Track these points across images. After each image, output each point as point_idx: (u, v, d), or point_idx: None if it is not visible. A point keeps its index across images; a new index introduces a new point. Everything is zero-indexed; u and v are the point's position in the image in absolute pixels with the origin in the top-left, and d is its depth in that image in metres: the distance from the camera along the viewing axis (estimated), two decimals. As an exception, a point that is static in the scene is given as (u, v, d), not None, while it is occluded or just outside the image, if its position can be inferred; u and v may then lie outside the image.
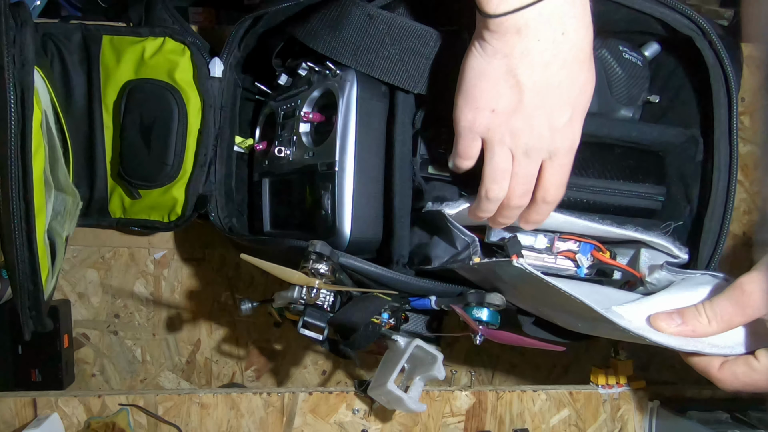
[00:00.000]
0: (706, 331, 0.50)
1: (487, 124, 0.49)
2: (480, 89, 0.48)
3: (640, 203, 0.62)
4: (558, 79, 0.47)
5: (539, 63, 0.46)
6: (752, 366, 0.49)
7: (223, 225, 0.75)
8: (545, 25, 0.45)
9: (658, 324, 0.51)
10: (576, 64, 0.47)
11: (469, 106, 0.50)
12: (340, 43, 0.59)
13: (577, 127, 0.49)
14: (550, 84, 0.47)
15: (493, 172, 0.51)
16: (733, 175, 0.60)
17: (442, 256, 0.59)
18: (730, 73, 0.58)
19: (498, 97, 0.48)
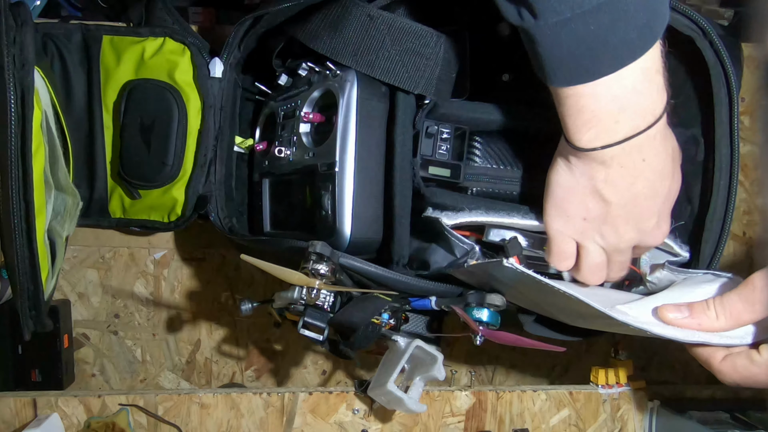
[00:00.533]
0: (712, 326, 0.51)
1: (579, 229, 0.53)
2: (569, 201, 0.52)
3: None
4: (643, 193, 0.51)
5: (622, 185, 0.50)
6: (753, 359, 0.49)
7: (223, 225, 0.75)
8: (628, 156, 0.49)
9: (666, 315, 0.52)
10: (658, 180, 0.51)
11: (561, 215, 0.54)
12: (340, 43, 0.59)
13: (664, 227, 0.54)
14: (636, 198, 0.51)
15: (590, 267, 0.55)
16: (734, 175, 0.60)
17: (440, 262, 0.59)
18: (731, 73, 0.58)
19: (587, 209, 0.52)
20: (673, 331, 0.51)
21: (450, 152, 0.62)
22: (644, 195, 0.51)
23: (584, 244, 0.54)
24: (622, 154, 0.49)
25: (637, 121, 0.48)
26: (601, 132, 0.48)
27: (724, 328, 0.50)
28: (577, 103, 0.47)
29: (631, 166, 0.49)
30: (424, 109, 0.60)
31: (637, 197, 0.51)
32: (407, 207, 0.60)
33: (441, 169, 0.61)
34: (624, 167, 0.49)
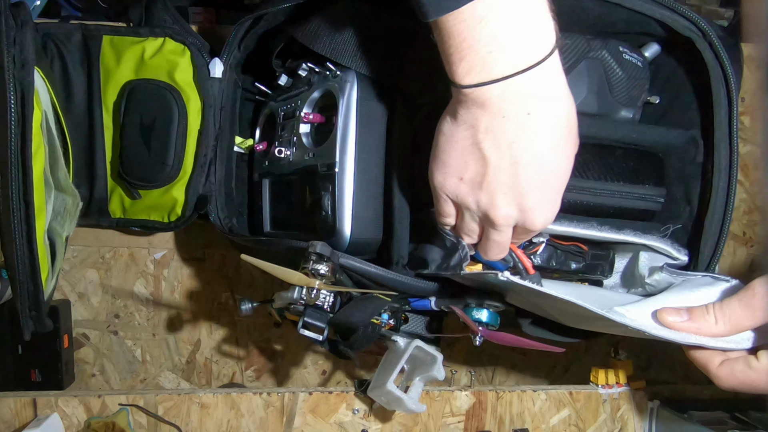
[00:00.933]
0: (711, 331, 0.50)
1: (454, 190, 0.49)
2: (448, 155, 0.48)
3: (640, 205, 0.62)
4: (526, 159, 0.45)
5: (504, 141, 0.45)
6: (751, 365, 0.49)
7: (223, 225, 0.75)
8: (509, 103, 0.44)
9: (665, 318, 0.51)
10: (546, 147, 0.45)
11: (439, 170, 0.49)
12: (339, 44, 0.59)
13: (548, 207, 0.48)
14: (516, 163, 0.45)
15: (464, 230, 0.52)
16: (733, 176, 0.60)
17: (438, 260, 0.59)
18: (731, 74, 0.58)
19: (465, 167, 0.47)
20: (671, 333, 0.51)
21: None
22: (527, 161, 0.45)
23: (460, 207, 0.50)
24: (502, 99, 0.43)
25: (515, 57, 0.42)
26: (474, 65, 0.43)
27: (722, 334, 0.50)
28: (448, 31, 0.42)
29: (514, 119, 0.44)
30: (424, 110, 0.60)
31: (518, 162, 0.45)
32: (407, 207, 0.60)
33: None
34: (506, 117, 0.44)
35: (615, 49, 0.60)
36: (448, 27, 0.42)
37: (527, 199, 0.47)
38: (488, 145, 0.45)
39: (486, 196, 0.47)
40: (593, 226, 0.59)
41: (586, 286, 0.62)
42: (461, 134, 0.47)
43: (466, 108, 0.45)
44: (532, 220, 0.48)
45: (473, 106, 0.45)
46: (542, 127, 0.44)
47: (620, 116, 0.61)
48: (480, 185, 0.47)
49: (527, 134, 0.44)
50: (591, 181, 0.59)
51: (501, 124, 0.44)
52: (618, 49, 0.60)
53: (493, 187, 0.47)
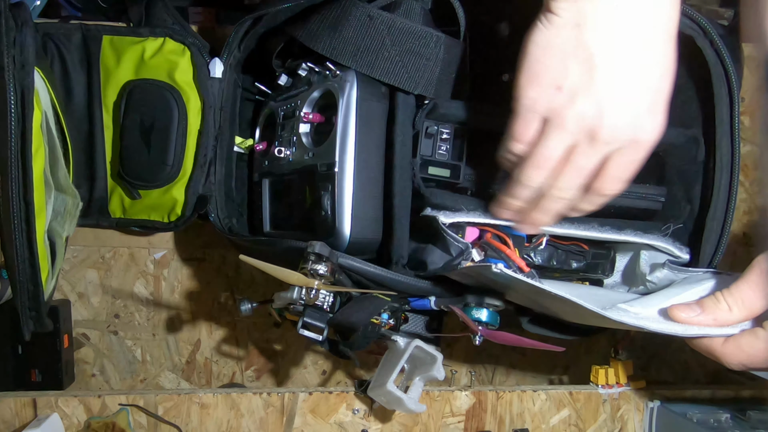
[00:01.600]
0: (728, 319, 0.48)
1: (550, 103, 0.42)
2: (544, 65, 0.42)
3: (641, 204, 0.62)
4: (640, 57, 0.40)
5: (619, 35, 0.40)
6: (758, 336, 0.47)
7: (222, 225, 0.75)
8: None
9: (678, 315, 0.49)
10: (661, 43, 0.40)
11: (531, 83, 0.43)
12: (340, 44, 0.59)
13: (659, 118, 0.43)
14: (629, 62, 0.40)
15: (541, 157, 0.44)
16: (735, 175, 0.60)
17: (437, 262, 0.59)
18: (732, 72, 0.58)
19: (565, 73, 0.41)
20: (672, 326, 0.50)
21: (449, 152, 0.62)
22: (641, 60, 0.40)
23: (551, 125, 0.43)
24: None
25: None
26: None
27: (739, 319, 0.48)
28: None
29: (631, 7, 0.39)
30: (424, 110, 0.60)
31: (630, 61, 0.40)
32: (407, 207, 0.60)
33: (440, 170, 0.61)
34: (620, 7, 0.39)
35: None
36: None
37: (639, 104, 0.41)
38: (598, 42, 0.40)
39: (590, 104, 0.41)
40: (594, 227, 0.59)
41: (586, 287, 0.62)
42: (562, 36, 0.41)
43: (571, 5, 0.40)
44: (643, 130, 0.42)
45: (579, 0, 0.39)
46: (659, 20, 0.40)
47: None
48: (584, 92, 0.41)
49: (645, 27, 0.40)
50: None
51: (614, 15, 0.39)
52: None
53: (600, 93, 0.41)
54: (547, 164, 0.44)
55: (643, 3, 0.40)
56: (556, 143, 0.43)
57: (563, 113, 0.42)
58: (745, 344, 0.48)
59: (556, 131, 0.43)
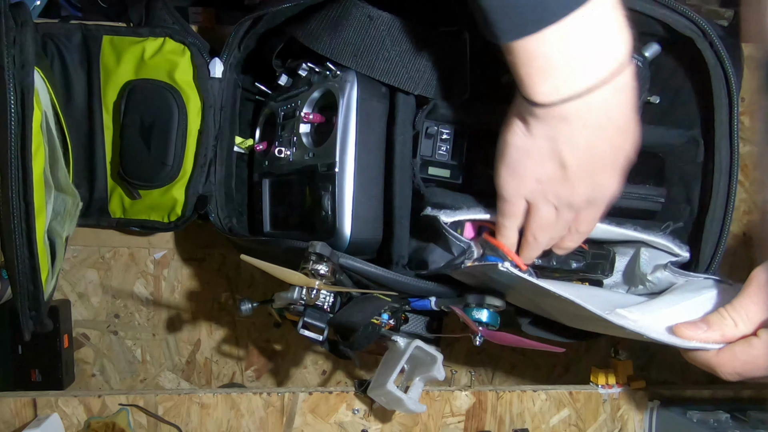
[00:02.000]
0: (735, 334, 0.49)
1: (532, 190, 0.51)
2: (524, 165, 0.50)
3: (641, 205, 0.62)
4: (602, 152, 0.48)
5: (584, 145, 0.47)
6: (752, 344, 0.48)
7: (223, 225, 0.75)
8: (592, 113, 0.45)
9: (684, 333, 0.50)
10: (619, 136, 0.48)
11: (514, 177, 0.51)
12: (340, 44, 0.59)
13: (616, 180, 0.51)
14: (594, 158, 0.48)
15: (541, 223, 0.53)
16: (733, 176, 0.60)
17: (438, 261, 0.59)
18: (731, 74, 0.58)
19: (542, 172, 0.49)
20: (671, 337, 0.50)
21: (450, 153, 0.62)
22: (605, 154, 0.48)
23: (537, 202, 0.52)
24: (586, 110, 0.45)
25: (600, 69, 0.43)
26: (560, 83, 0.44)
27: (745, 333, 0.49)
28: (528, 53, 0.43)
29: (595, 125, 0.46)
30: (424, 110, 0.60)
31: (596, 157, 0.48)
32: (407, 207, 0.60)
33: (441, 170, 0.61)
34: (586, 126, 0.46)
35: (615, 49, 0.60)
36: (528, 49, 0.43)
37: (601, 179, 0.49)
38: (568, 152, 0.47)
39: (565, 188, 0.50)
40: None
41: (586, 287, 0.62)
42: (538, 145, 0.48)
43: (544, 122, 0.46)
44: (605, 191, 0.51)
45: (553, 120, 0.46)
46: (619, 123, 0.47)
47: (620, 116, 0.61)
48: (559, 181, 0.49)
49: (605, 133, 0.46)
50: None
51: (582, 133, 0.46)
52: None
53: (572, 180, 0.49)
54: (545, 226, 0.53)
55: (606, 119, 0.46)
56: (545, 211, 0.52)
57: (544, 195, 0.51)
58: (740, 353, 0.48)
59: (543, 204, 0.52)
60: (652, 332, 0.50)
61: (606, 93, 0.45)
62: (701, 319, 0.51)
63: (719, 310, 0.50)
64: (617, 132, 0.47)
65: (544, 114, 0.46)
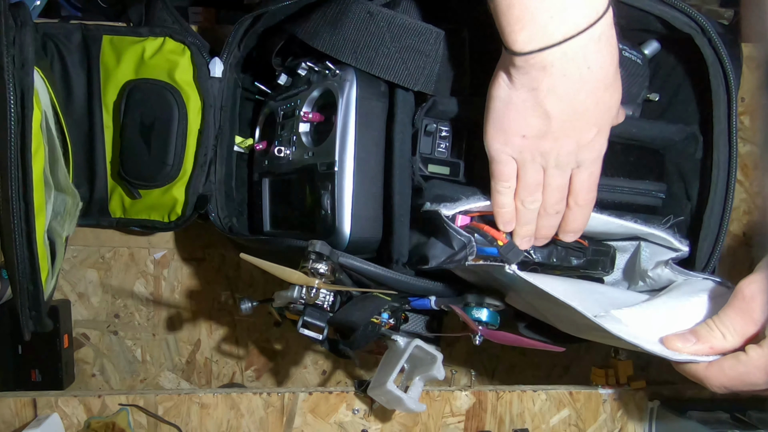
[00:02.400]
0: (723, 347, 0.49)
1: (518, 147, 0.51)
2: (509, 118, 0.50)
3: (641, 200, 0.62)
4: (584, 105, 0.48)
5: (566, 95, 0.47)
6: (740, 359, 0.48)
7: (223, 225, 0.75)
8: (570, 62, 0.45)
9: (674, 345, 0.50)
10: (601, 90, 0.48)
11: (499, 133, 0.51)
12: (340, 40, 0.59)
13: (603, 140, 0.51)
14: (577, 111, 0.48)
15: (528, 185, 0.53)
16: (732, 173, 0.60)
17: (439, 256, 0.59)
18: (730, 71, 0.58)
19: (527, 125, 0.49)
20: (663, 349, 0.50)
21: (449, 150, 0.62)
22: (587, 107, 0.48)
23: (523, 161, 0.52)
24: (564, 59, 0.45)
25: (577, 17, 0.44)
26: (536, 32, 0.44)
27: (734, 346, 0.49)
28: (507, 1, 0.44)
29: (576, 75, 0.46)
30: (424, 107, 0.60)
31: (579, 109, 0.48)
32: (407, 206, 0.60)
33: (440, 167, 0.61)
34: (567, 76, 0.46)
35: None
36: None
37: (586, 135, 0.50)
38: (551, 102, 0.47)
39: (550, 143, 0.50)
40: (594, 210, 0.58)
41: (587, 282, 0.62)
42: (521, 96, 0.48)
43: (525, 72, 0.46)
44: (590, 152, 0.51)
45: (533, 70, 0.46)
46: (599, 75, 0.47)
47: (620, 114, 0.61)
48: (544, 136, 0.49)
49: (587, 85, 0.47)
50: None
51: (563, 83, 0.46)
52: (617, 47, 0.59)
53: (556, 135, 0.49)
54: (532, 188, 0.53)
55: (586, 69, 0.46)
56: (532, 172, 0.52)
57: (530, 152, 0.51)
58: (728, 368, 0.48)
59: (530, 164, 0.52)
60: (645, 343, 0.50)
61: (584, 42, 0.45)
62: (690, 331, 0.51)
63: (707, 322, 0.50)
64: (599, 85, 0.47)
65: (524, 64, 0.46)
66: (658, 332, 0.52)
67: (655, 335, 0.52)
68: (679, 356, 0.50)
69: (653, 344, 0.50)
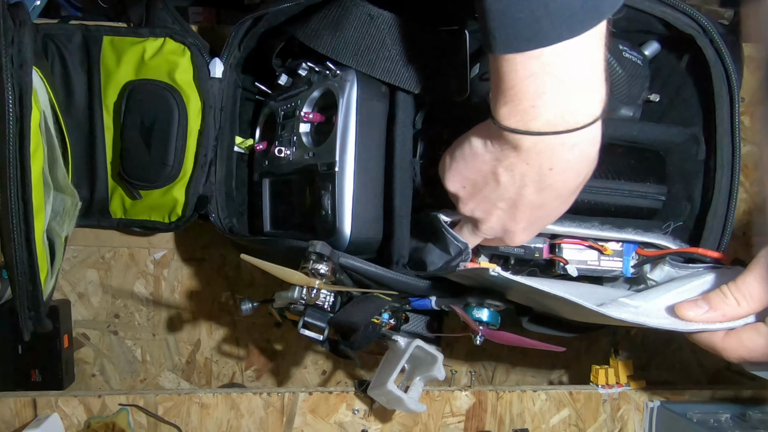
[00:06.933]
0: (737, 314, 0.48)
1: (455, 191, 0.53)
2: (465, 166, 0.51)
3: (642, 203, 0.62)
4: (530, 200, 0.48)
5: (518, 180, 0.47)
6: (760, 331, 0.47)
7: (223, 225, 0.75)
8: (537, 155, 0.45)
9: (685, 313, 0.49)
10: (551, 197, 0.48)
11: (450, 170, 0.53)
12: (340, 43, 0.59)
13: (527, 236, 0.53)
14: (520, 200, 0.49)
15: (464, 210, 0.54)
16: (735, 173, 0.60)
17: (436, 262, 0.59)
18: (732, 71, 0.58)
19: (474, 182, 0.51)
20: (674, 322, 0.50)
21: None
22: (530, 201, 0.48)
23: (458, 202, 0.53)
24: (533, 150, 0.45)
25: (555, 117, 0.43)
26: (517, 111, 0.44)
27: (747, 313, 0.48)
28: (498, 69, 0.43)
29: (536, 168, 0.46)
30: (424, 109, 0.60)
31: (522, 198, 0.48)
32: (407, 207, 0.60)
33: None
34: (529, 165, 0.46)
35: (615, 48, 0.60)
36: (501, 69, 0.43)
37: (515, 224, 0.51)
38: (505, 177, 0.48)
39: (482, 209, 0.52)
40: (595, 226, 0.59)
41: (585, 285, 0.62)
42: (485, 158, 0.49)
43: (498, 142, 0.47)
44: (511, 239, 0.53)
45: (505, 143, 0.46)
46: (557, 183, 0.47)
47: (620, 115, 0.61)
48: (481, 200, 0.51)
49: (540, 184, 0.47)
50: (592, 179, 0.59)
51: (522, 168, 0.47)
52: (618, 48, 0.60)
53: (491, 206, 0.51)
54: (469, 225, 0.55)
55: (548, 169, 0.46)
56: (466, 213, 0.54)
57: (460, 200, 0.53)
58: (747, 339, 0.48)
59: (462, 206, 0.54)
60: (654, 319, 0.50)
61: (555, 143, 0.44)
62: (702, 297, 0.50)
63: (721, 288, 0.49)
64: (552, 190, 0.47)
65: (499, 134, 0.46)
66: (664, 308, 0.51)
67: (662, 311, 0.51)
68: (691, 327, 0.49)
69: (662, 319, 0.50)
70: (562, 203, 0.50)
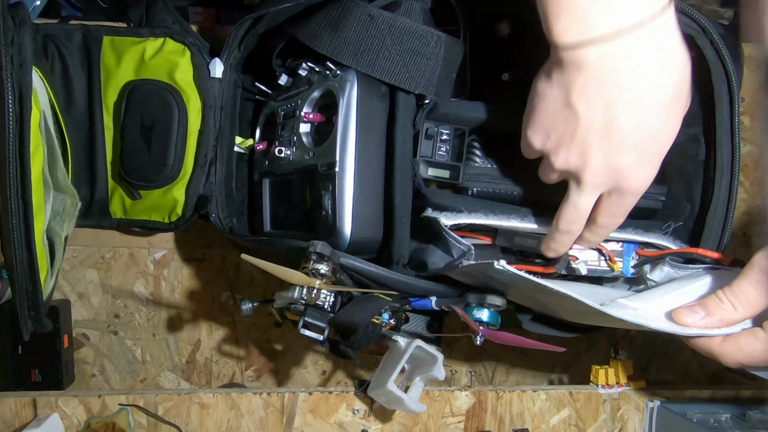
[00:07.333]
0: (733, 318, 0.48)
1: (541, 146, 0.48)
2: (539, 113, 0.47)
3: (642, 203, 0.61)
4: (622, 119, 0.43)
5: (599, 102, 0.43)
6: (757, 336, 0.47)
7: (223, 225, 0.75)
8: (607, 67, 0.41)
9: (682, 319, 0.49)
10: (646, 112, 0.43)
11: (529, 127, 0.49)
12: (340, 43, 0.59)
13: (645, 171, 0.46)
14: (611, 122, 0.43)
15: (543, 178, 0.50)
16: (735, 173, 0.60)
17: (438, 263, 0.59)
18: (732, 71, 0.58)
19: (554, 126, 0.46)
20: (672, 326, 0.50)
21: (449, 153, 0.62)
22: (623, 122, 0.42)
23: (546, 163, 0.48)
24: (600, 61, 0.40)
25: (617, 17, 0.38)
26: (573, 23, 0.39)
27: (744, 318, 0.48)
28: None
29: (612, 82, 0.41)
30: (424, 109, 0.60)
31: (613, 121, 0.42)
32: (408, 207, 0.60)
33: (440, 171, 0.61)
34: (602, 81, 0.41)
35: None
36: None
37: (621, 159, 0.44)
38: (581, 105, 0.43)
39: (574, 153, 0.45)
40: None
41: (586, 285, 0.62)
42: (553, 94, 0.45)
43: (561, 69, 0.43)
44: (627, 179, 0.45)
45: (568, 67, 0.42)
46: (645, 89, 0.42)
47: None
48: (570, 142, 0.45)
49: (627, 95, 0.42)
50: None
51: (596, 88, 0.42)
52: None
53: (585, 141, 0.44)
54: None
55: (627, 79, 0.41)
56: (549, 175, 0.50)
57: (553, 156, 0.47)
58: (744, 344, 0.48)
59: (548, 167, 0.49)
60: (653, 321, 0.50)
61: (626, 46, 0.40)
62: (698, 303, 0.50)
63: (717, 293, 0.49)
64: (641, 101, 0.42)
65: (560, 58, 0.42)
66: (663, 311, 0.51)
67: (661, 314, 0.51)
68: (689, 331, 0.49)
69: (661, 322, 0.50)
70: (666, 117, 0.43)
